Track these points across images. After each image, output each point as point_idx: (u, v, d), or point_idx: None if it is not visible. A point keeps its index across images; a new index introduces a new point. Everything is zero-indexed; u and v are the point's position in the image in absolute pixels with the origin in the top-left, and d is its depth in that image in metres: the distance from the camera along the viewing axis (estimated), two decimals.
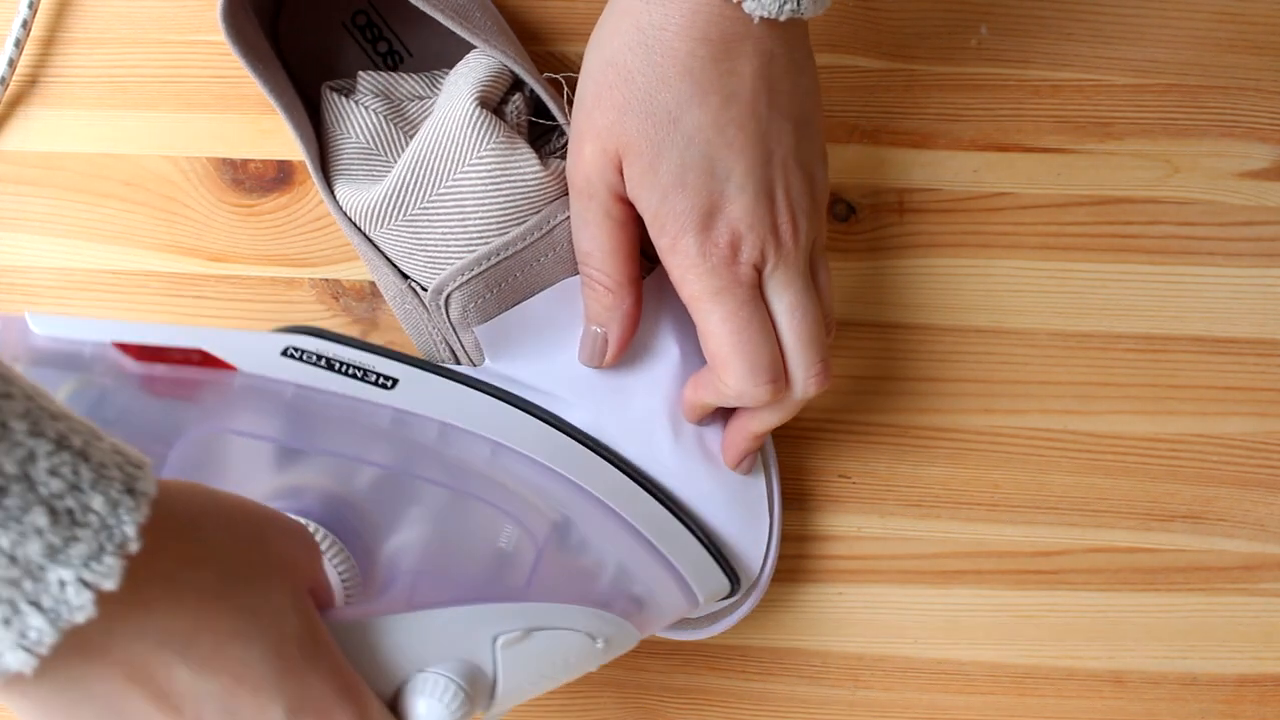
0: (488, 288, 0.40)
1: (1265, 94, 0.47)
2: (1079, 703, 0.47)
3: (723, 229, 0.36)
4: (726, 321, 0.37)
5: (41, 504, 0.24)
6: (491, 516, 0.38)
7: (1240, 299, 0.47)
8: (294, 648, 0.31)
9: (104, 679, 0.27)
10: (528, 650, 0.37)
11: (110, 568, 0.25)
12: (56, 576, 0.25)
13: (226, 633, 0.29)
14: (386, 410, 0.38)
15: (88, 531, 0.25)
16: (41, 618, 0.25)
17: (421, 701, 0.34)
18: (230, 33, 0.41)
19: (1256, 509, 0.47)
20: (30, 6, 0.46)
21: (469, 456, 0.38)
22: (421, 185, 0.40)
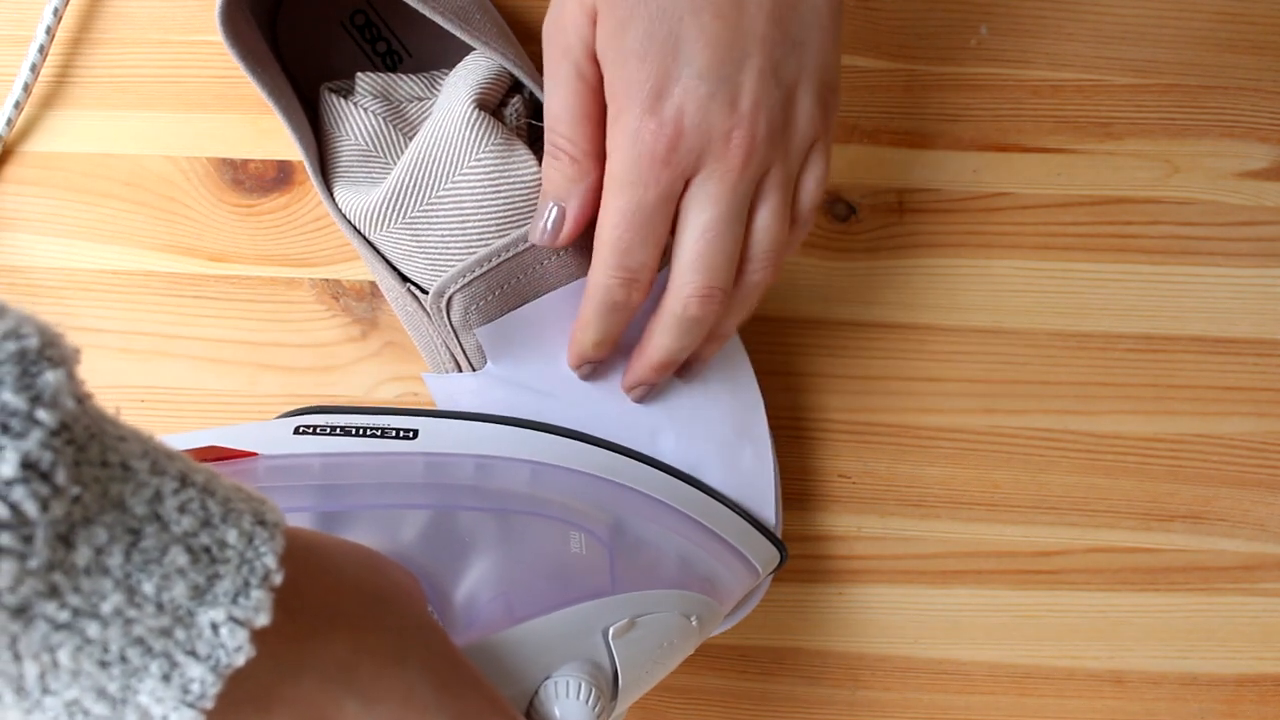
0: (489, 289, 0.40)
1: (1265, 94, 0.47)
2: (1079, 703, 0.47)
3: (667, 117, 0.33)
4: (619, 213, 0.35)
5: (178, 543, 0.23)
6: (552, 528, 0.38)
7: (1240, 299, 0.47)
8: (444, 665, 0.30)
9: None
10: (637, 638, 0.37)
11: (259, 602, 0.24)
12: (208, 619, 0.23)
13: (383, 657, 0.28)
14: (417, 458, 0.38)
15: (229, 567, 0.24)
16: (201, 666, 0.23)
17: (557, 706, 0.34)
18: (228, 36, 0.41)
19: (1256, 509, 0.47)
20: (55, 13, 0.46)
21: (510, 482, 0.38)
22: (420, 188, 0.40)
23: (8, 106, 0.46)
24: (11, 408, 0.20)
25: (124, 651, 0.23)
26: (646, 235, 0.35)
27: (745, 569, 0.41)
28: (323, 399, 0.46)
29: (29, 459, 0.20)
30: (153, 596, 0.23)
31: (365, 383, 0.46)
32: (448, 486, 0.38)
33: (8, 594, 0.20)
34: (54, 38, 0.46)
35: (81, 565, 0.22)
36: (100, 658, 0.22)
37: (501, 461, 0.38)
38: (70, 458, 0.21)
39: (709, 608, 0.40)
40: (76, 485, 0.22)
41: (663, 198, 0.35)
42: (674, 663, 0.39)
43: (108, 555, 0.22)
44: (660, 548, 0.39)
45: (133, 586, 0.23)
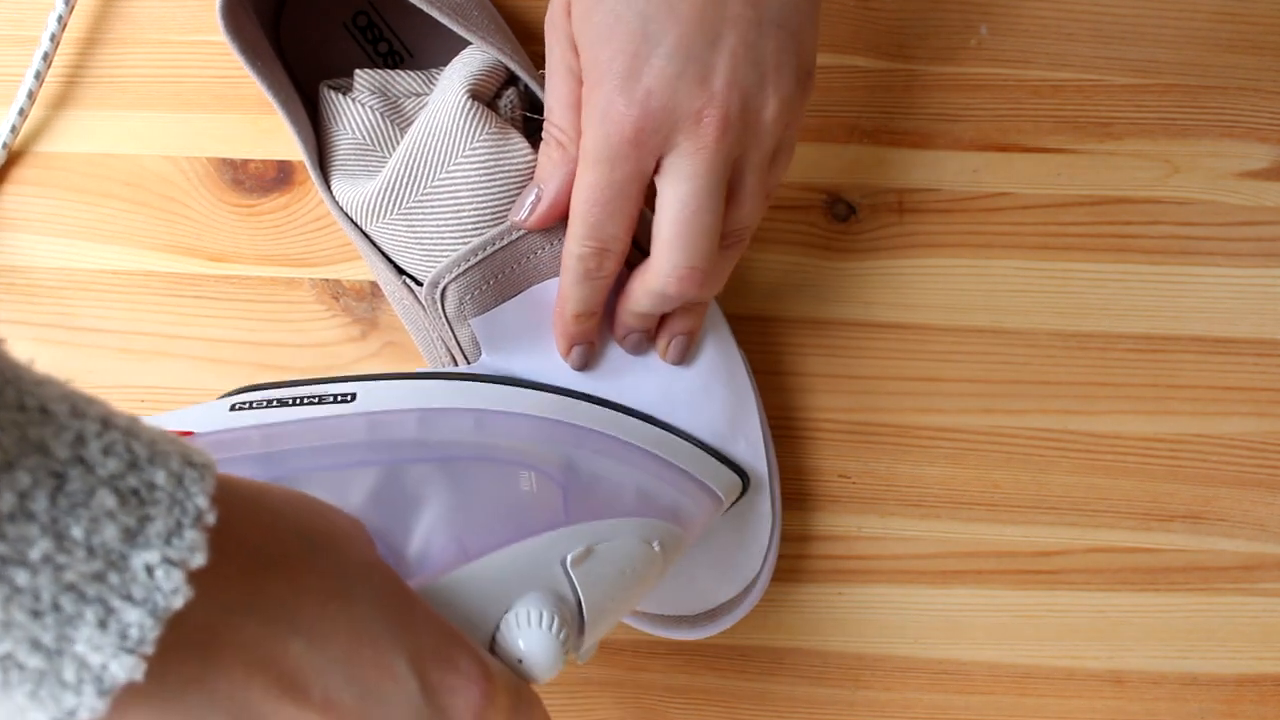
0: (484, 279, 0.40)
1: (1265, 94, 0.47)
2: (1079, 703, 0.47)
3: (635, 97, 0.34)
4: (588, 189, 0.35)
5: (104, 485, 0.23)
6: (501, 469, 0.37)
7: (1240, 299, 0.47)
8: (394, 601, 0.30)
9: (224, 673, 0.26)
10: (596, 565, 0.36)
11: (193, 542, 0.24)
12: (141, 562, 0.23)
13: (326, 595, 0.28)
14: (358, 419, 0.37)
15: (159, 509, 0.23)
16: (138, 610, 0.23)
17: (520, 636, 0.34)
18: (229, 30, 0.41)
19: (1256, 509, 0.47)
20: (59, 20, 0.46)
21: (454, 432, 0.38)
22: (415, 179, 0.40)
23: (12, 114, 0.46)
24: None
25: (56, 599, 0.22)
26: (615, 210, 0.36)
27: (708, 497, 0.41)
28: None
29: None
30: (82, 541, 0.22)
31: None
32: (391, 442, 0.37)
33: None
34: (59, 43, 0.46)
35: (5, 511, 0.21)
36: (32, 607, 0.22)
37: (444, 412, 0.38)
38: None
39: (671, 534, 0.39)
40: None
41: (631, 176, 0.35)
42: (640, 591, 0.39)
43: (32, 500, 0.22)
44: (616, 480, 0.39)
45: (61, 531, 0.22)
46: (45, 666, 0.22)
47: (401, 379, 0.39)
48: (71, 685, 0.23)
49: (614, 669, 0.46)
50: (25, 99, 0.46)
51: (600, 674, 0.46)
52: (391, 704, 0.28)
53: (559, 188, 0.38)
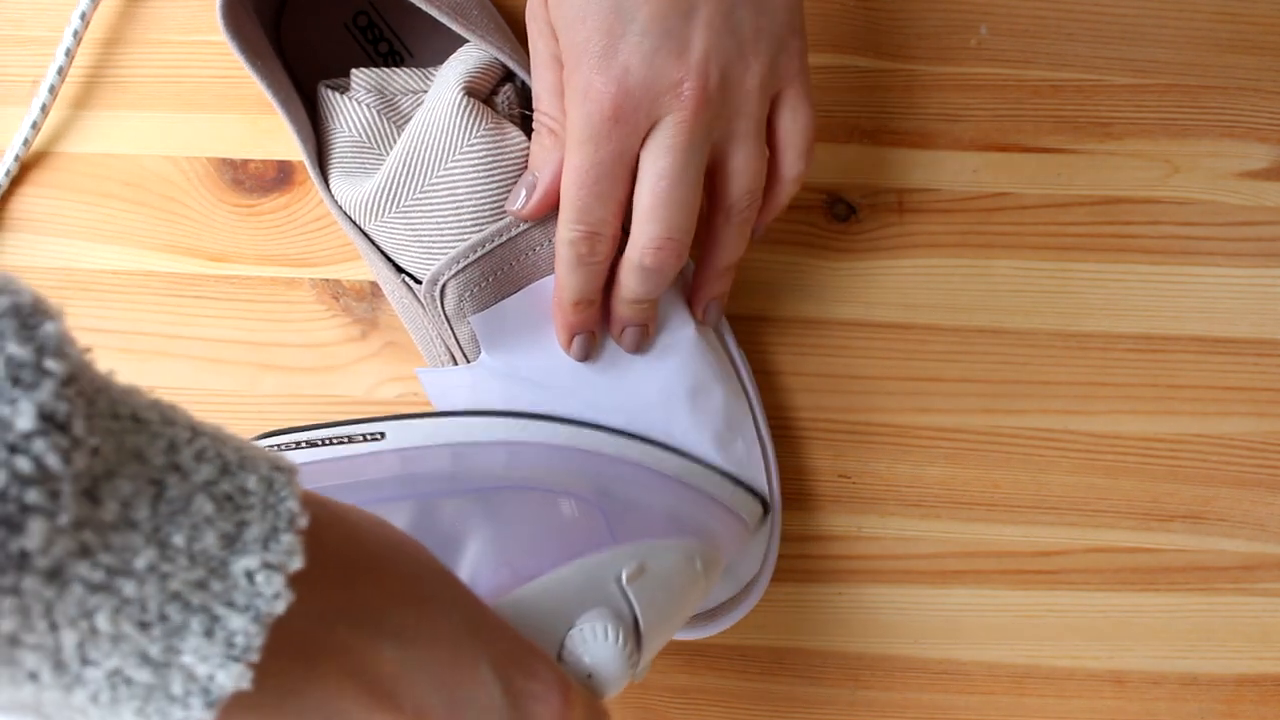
0: (483, 275, 0.40)
1: (1265, 94, 0.47)
2: (1079, 703, 0.47)
3: (613, 75, 0.34)
4: (575, 171, 0.35)
5: (201, 492, 0.23)
6: (540, 498, 0.38)
7: (1240, 299, 0.47)
8: (470, 606, 0.30)
9: (319, 681, 0.25)
10: (649, 583, 0.37)
11: (290, 545, 0.23)
12: (242, 568, 0.23)
13: (411, 600, 0.28)
14: (390, 455, 0.38)
15: (253, 513, 0.23)
16: (242, 617, 0.23)
17: (586, 652, 0.34)
18: (229, 30, 0.41)
19: (1256, 509, 0.47)
20: (83, 16, 0.46)
21: (487, 464, 0.38)
22: (413, 176, 0.40)
23: (34, 111, 0.46)
24: (18, 359, 0.20)
25: (163, 609, 0.22)
26: (603, 192, 0.36)
27: (734, 520, 0.41)
28: (323, 399, 0.46)
29: (45, 410, 0.19)
30: (184, 548, 0.22)
31: (365, 383, 0.46)
32: (424, 476, 0.37)
33: (40, 556, 0.20)
34: (81, 40, 0.46)
35: (109, 521, 0.21)
36: (139, 618, 0.22)
37: (476, 446, 0.38)
38: (83, 409, 0.21)
39: (709, 555, 0.40)
40: (94, 437, 0.21)
41: (616, 155, 0.35)
42: (687, 610, 0.39)
43: (134, 509, 0.22)
44: (650, 505, 0.39)
45: (163, 540, 0.22)
46: (154, 680, 0.22)
47: (430, 416, 0.39)
48: (179, 698, 0.22)
49: None
50: (47, 95, 0.46)
51: None
52: (477, 710, 0.28)
53: (553, 174, 0.38)
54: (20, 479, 0.19)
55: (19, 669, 0.21)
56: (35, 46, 0.47)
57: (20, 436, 0.19)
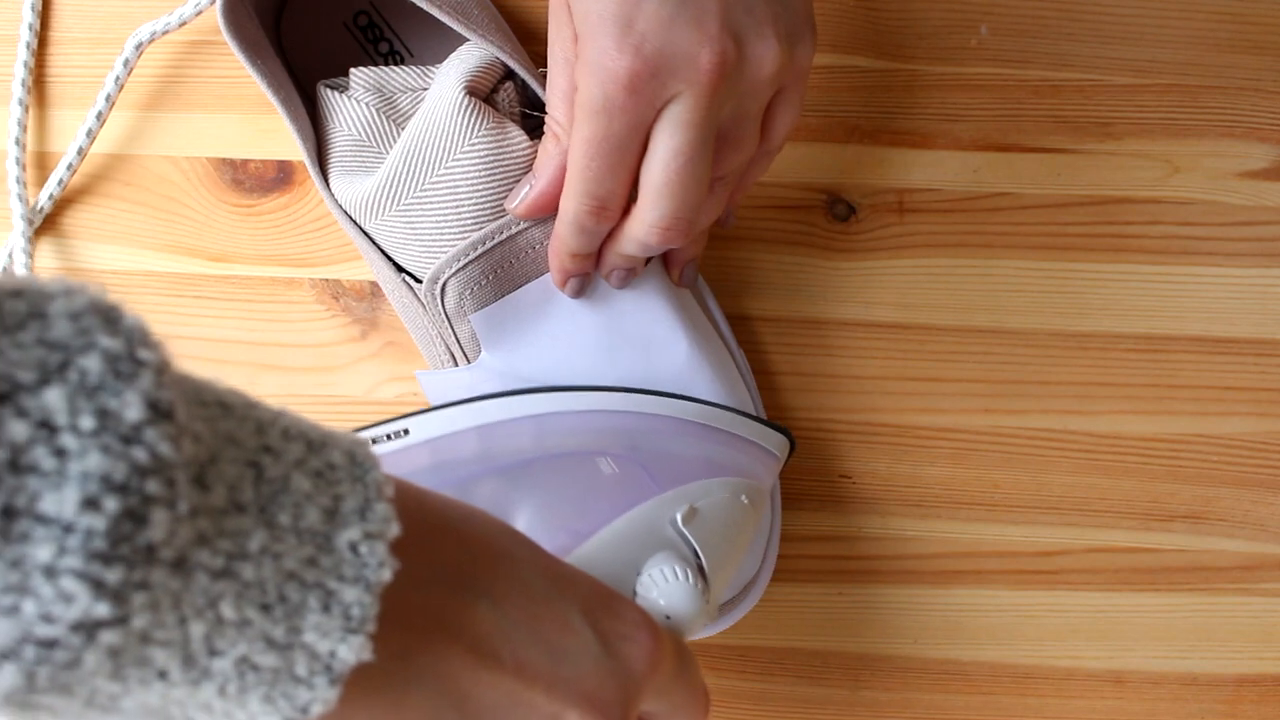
0: (483, 274, 0.40)
1: (1265, 94, 0.47)
2: (1079, 703, 0.47)
3: (630, 44, 0.33)
4: (587, 143, 0.35)
5: (296, 469, 0.23)
6: (576, 461, 0.38)
7: (1240, 299, 0.47)
8: (547, 560, 0.30)
9: (423, 645, 0.26)
10: (704, 522, 0.37)
11: (385, 514, 0.24)
12: (345, 540, 0.23)
13: (493, 556, 0.28)
14: (419, 449, 0.38)
15: (344, 487, 0.24)
16: (354, 589, 0.23)
17: (659, 594, 0.34)
18: (229, 29, 0.41)
19: (1256, 509, 0.47)
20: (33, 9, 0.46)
21: (517, 440, 0.38)
22: (414, 175, 0.40)
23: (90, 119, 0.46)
24: (113, 351, 0.20)
25: (281, 589, 0.22)
26: (615, 164, 0.35)
27: (763, 453, 0.41)
28: (322, 399, 0.46)
29: (150, 399, 0.19)
30: (290, 526, 0.22)
31: (365, 383, 0.46)
32: (456, 461, 0.38)
33: (165, 547, 0.20)
34: (143, 51, 0.46)
35: (220, 506, 0.21)
36: (261, 601, 0.22)
37: (501, 425, 0.38)
38: (180, 397, 0.21)
39: (753, 488, 0.40)
40: (195, 423, 0.21)
41: (631, 127, 0.34)
42: (743, 545, 0.39)
43: (239, 492, 0.22)
44: (684, 453, 0.39)
45: (270, 520, 0.22)
46: (279, 664, 0.22)
47: (449, 406, 0.39)
48: (304, 679, 0.23)
49: None
50: (104, 103, 0.46)
51: None
52: (576, 658, 0.28)
53: (550, 178, 0.38)
54: (139, 470, 0.19)
55: (150, 668, 0.21)
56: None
57: (131, 428, 0.19)
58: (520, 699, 0.27)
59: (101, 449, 0.19)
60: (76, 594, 0.18)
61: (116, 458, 0.19)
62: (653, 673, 0.30)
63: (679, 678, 0.32)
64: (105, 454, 0.19)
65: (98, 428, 0.19)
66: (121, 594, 0.19)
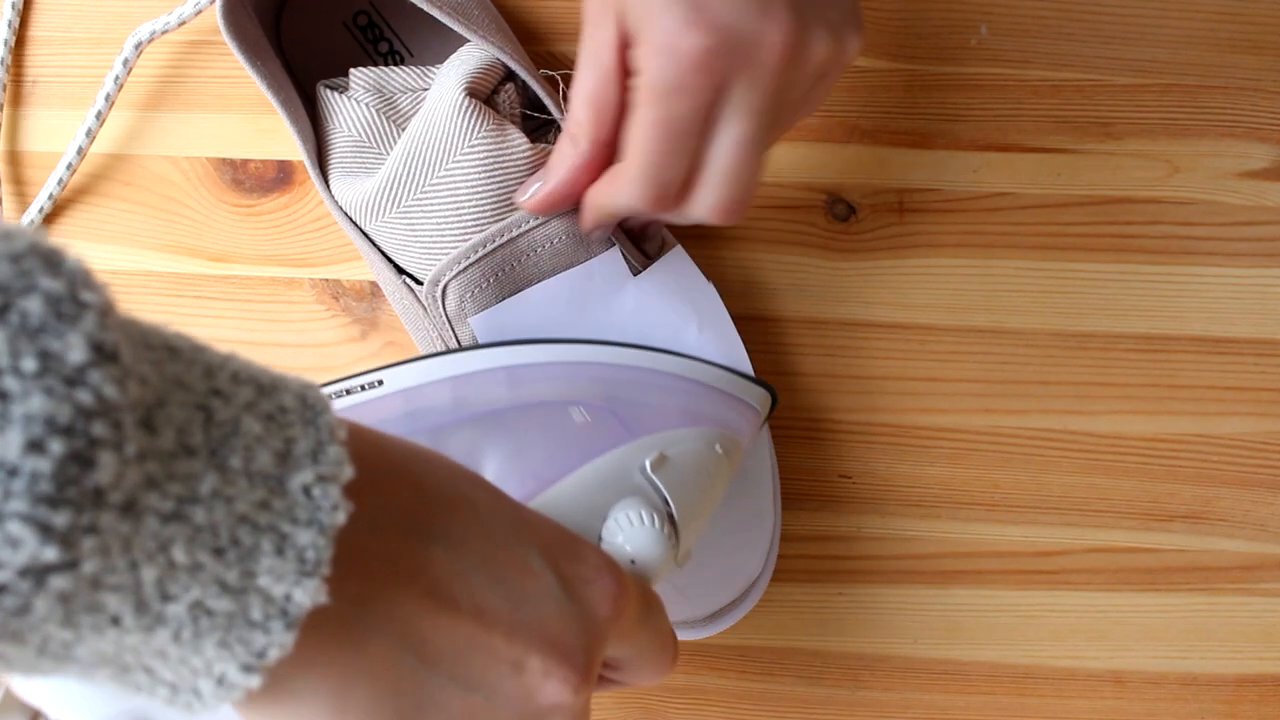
0: (484, 276, 0.40)
1: (1265, 94, 0.47)
2: (1079, 703, 0.47)
3: (703, 22, 0.32)
4: (654, 126, 0.34)
5: (246, 412, 0.23)
6: (548, 410, 0.38)
7: (1240, 299, 0.47)
8: (508, 505, 0.29)
9: (378, 589, 0.25)
10: (674, 469, 0.37)
11: (338, 456, 0.24)
12: (298, 483, 0.23)
13: (450, 500, 0.28)
14: (393, 397, 0.38)
15: (296, 430, 0.23)
16: (308, 531, 0.23)
17: (624, 538, 0.34)
18: (229, 29, 0.41)
19: (1256, 509, 0.47)
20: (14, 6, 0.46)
21: (490, 391, 0.38)
22: (414, 177, 0.40)
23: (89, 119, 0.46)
24: (55, 293, 0.19)
25: (234, 533, 0.22)
26: (680, 149, 0.34)
27: (744, 406, 0.41)
28: None
29: (94, 340, 0.19)
30: (242, 469, 0.22)
31: None
32: (430, 410, 0.37)
33: (113, 490, 0.19)
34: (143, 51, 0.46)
35: (168, 449, 0.21)
36: (213, 545, 0.22)
37: (475, 375, 0.38)
38: (124, 338, 0.20)
39: (729, 438, 0.40)
40: (141, 365, 0.21)
41: (697, 109, 0.34)
42: (716, 494, 0.39)
43: (189, 435, 0.22)
44: (660, 403, 0.39)
45: (221, 463, 0.22)
46: (233, 608, 0.22)
47: (424, 359, 0.39)
48: (259, 623, 0.23)
49: None
50: (104, 103, 0.46)
51: None
52: (537, 602, 0.28)
53: (563, 178, 0.38)
54: (84, 412, 0.19)
55: (102, 614, 0.21)
56: (28, 47, 0.47)
57: (75, 370, 0.19)
58: (480, 643, 0.27)
59: (45, 391, 0.18)
60: (23, 538, 0.18)
61: (60, 400, 0.19)
62: (616, 617, 0.30)
63: (644, 623, 0.32)
64: (49, 396, 0.18)
65: (40, 370, 0.19)
66: (70, 538, 0.19)
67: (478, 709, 0.27)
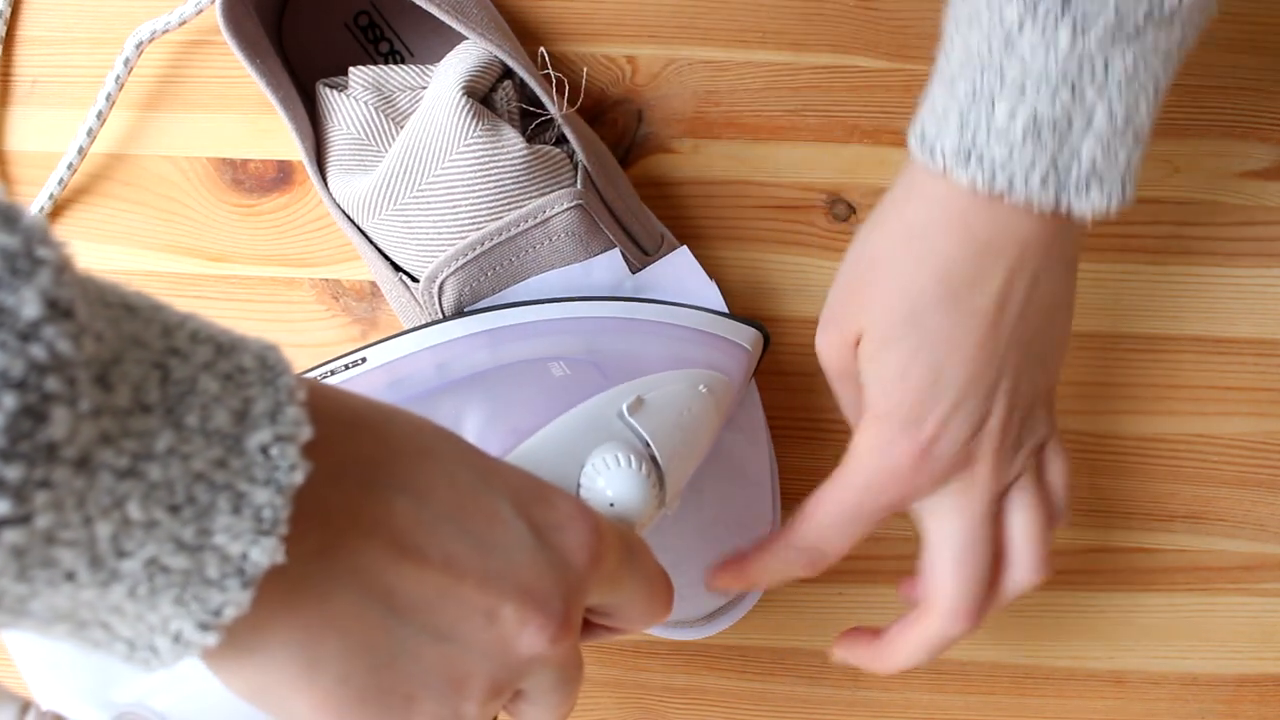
0: (482, 272, 0.40)
1: (1265, 94, 0.47)
2: (1079, 703, 0.47)
3: (921, 438, 0.35)
4: (838, 504, 0.37)
5: (204, 371, 0.23)
6: (529, 367, 0.38)
7: (1240, 299, 0.47)
8: (475, 455, 0.29)
9: (340, 541, 0.25)
10: (653, 411, 0.37)
11: (296, 417, 0.24)
12: (256, 442, 0.23)
13: (415, 452, 0.28)
14: (376, 373, 0.38)
15: (254, 390, 0.23)
16: (265, 490, 0.23)
17: (607, 483, 0.34)
18: (229, 28, 0.41)
19: (1256, 509, 0.47)
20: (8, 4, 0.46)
21: (472, 356, 0.38)
22: (411, 175, 0.40)
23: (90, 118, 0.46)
24: (10, 249, 0.19)
25: (190, 490, 0.22)
26: (854, 533, 0.37)
27: (734, 347, 0.41)
28: None
29: (48, 296, 0.19)
30: (198, 428, 0.22)
31: None
32: (414, 379, 0.37)
33: (67, 446, 0.19)
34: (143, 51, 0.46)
35: (124, 406, 0.21)
36: (169, 501, 0.22)
37: (456, 342, 0.38)
38: (80, 295, 0.21)
39: (714, 378, 0.39)
40: (97, 322, 0.21)
41: (886, 508, 0.36)
42: (704, 434, 0.39)
43: (144, 393, 0.22)
44: (643, 350, 0.39)
45: (177, 421, 0.22)
46: (189, 565, 0.22)
47: (405, 333, 0.39)
48: (215, 581, 0.23)
49: (614, 669, 0.46)
50: (104, 102, 0.46)
51: (600, 674, 0.46)
52: (507, 551, 0.28)
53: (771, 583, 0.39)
54: (37, 367, 0.19)
55: (56, 569, 0.21)
56: (27, 47, 0.47)
57: (29, 325, 0.19)
58: (450, 593, 0.27)
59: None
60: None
61: (14, 355, 0.19)
62: (595, 563, 0.29)
63: (627, 567, 0.31)
64: (2, 350, 0.19)
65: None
66: (23, 492, 0.19)
67: (454, 659, 0.27)
